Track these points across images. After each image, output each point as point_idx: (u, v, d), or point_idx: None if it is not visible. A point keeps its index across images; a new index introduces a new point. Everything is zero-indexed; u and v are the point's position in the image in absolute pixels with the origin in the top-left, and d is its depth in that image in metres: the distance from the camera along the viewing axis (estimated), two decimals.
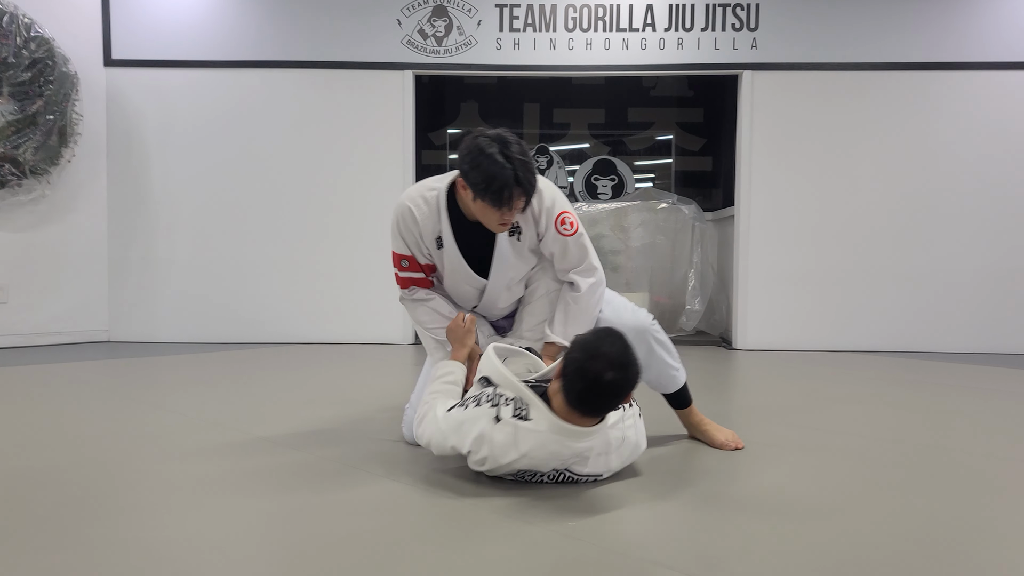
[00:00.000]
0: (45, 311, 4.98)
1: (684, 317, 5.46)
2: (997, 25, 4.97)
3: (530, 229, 2.17)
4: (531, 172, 1.93)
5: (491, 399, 1.78)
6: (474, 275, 2.21)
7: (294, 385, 3.55)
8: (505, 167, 1.89)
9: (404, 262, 2.24)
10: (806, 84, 5.08)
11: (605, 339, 1.69)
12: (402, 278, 2.27)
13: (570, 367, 1.68)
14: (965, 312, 5.06)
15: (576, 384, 1.66)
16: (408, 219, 2.16)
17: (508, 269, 2.21)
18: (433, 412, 1.90)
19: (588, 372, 1.64)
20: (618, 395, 1.68)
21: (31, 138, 4.61)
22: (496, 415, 1.75)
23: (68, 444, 2.31)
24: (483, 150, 1.91)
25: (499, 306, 2.31)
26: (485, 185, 1.91)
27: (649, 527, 1.61)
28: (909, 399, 3.30)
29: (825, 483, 1.96)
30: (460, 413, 1.82)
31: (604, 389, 1.65)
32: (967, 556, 1.48)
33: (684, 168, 6.99)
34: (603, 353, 1.65)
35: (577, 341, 1.74)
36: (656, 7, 5.10)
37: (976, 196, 5.03)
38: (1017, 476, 2.08)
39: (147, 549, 1.47)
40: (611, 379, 1.64)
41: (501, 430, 1.73)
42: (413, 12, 5.13)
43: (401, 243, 2.21)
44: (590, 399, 1.67)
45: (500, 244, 2.16)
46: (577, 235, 2.18)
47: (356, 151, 5.20)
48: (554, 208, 2.15)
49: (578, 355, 1.68)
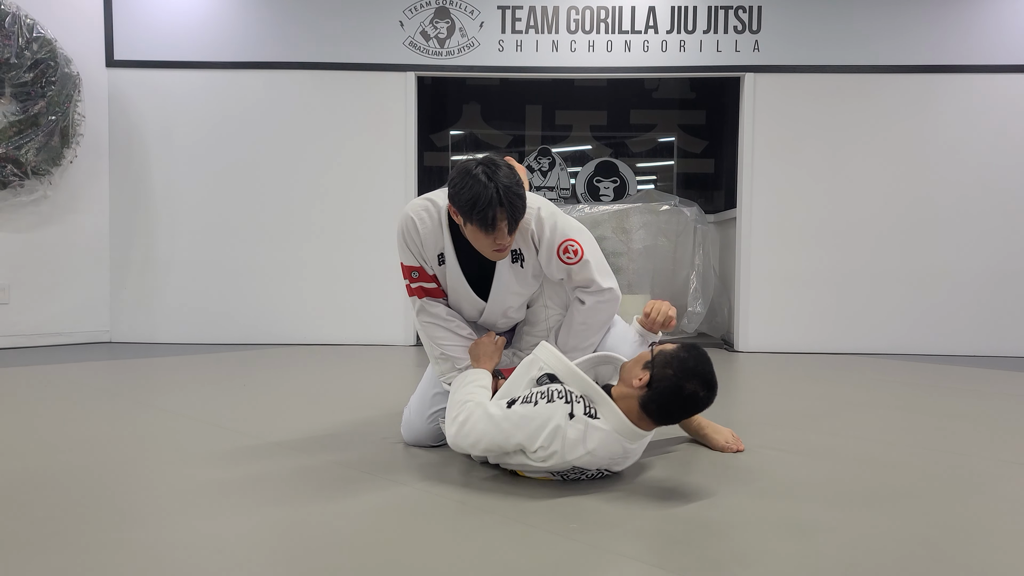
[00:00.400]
0: (46, 312, 4.98)
1: (686, 319, 5.45)
2: (1000, 28, 4.96)
3: (532, 257, 2.14)
4: (516, 195, 1.88)
5: (563, 395, 1.78)
6: (474, 295, 2.18)
7: (295, 387, 3.54)
8: (488, 187, 1.85)
9: (414, 273, 2.20)
10: (808, 86, 5.08)
11: (699, 360, 1.77)
12: (414, 289, 2.21)
13: (663, 383, 1.75)
14: (968, 315, 5.05)
15: (667, 399, 1.76)
16: (412, 230, 2.14)
17: (508, 294, 2.18)
18: (484, 411, 1.85)
19: (684, 390, 1.74)
20: (701, 410, 1.80)
21: (33, 139, 4.62)
22: (570, 411, 1.76)
23: (68, 446, 2.31)
24: (469, 171, 1.89)
25: (498, 325, 2.30)
26: (470, 207, 1.88)
27: (650, 530, 1.60)
28: (912, 402, 3.29)
29: (828, 487, 1.95)
30: (527, 409, 1.79)
31: (693, 405, 1.78)
32: (973, 561, 1.47)
33: (686, 170, 6.98)
34: (699, 373, 1.75)
35: (668, 357, 1.78)
36: (658, 9, 5.10)
37: (979, 198, 5.02)
38: (1020, 480, 2.07)
39: (148, 552, 1.47)
40: (703, 397, 1.76)
41: (574, 426, 1.76)
42: (415, 14, 5.13)
43: (408, 254, 2.18)
44: (674, 412, 1.80)
45: (501, 270, 2.14)
46: (582, 263, 2.12)
47: (358, 152, 5.20)
48: (555, 236, 2.09)
49: (672, 372, 1.75)
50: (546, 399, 1.78)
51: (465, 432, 1.88)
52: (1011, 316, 5.02)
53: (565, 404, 1.76)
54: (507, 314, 2.25)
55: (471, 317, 2.29)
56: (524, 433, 1.78)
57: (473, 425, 1.86)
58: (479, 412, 1.86)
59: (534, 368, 1.92)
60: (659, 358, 1.79)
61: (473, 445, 1.88)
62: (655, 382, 1.75)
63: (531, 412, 1.78)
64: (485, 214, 1.87)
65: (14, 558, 1.42)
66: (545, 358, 1.92)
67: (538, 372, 1.90)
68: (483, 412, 1.85)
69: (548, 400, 1.78)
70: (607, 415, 1.78)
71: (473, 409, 1.88)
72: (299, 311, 5.23)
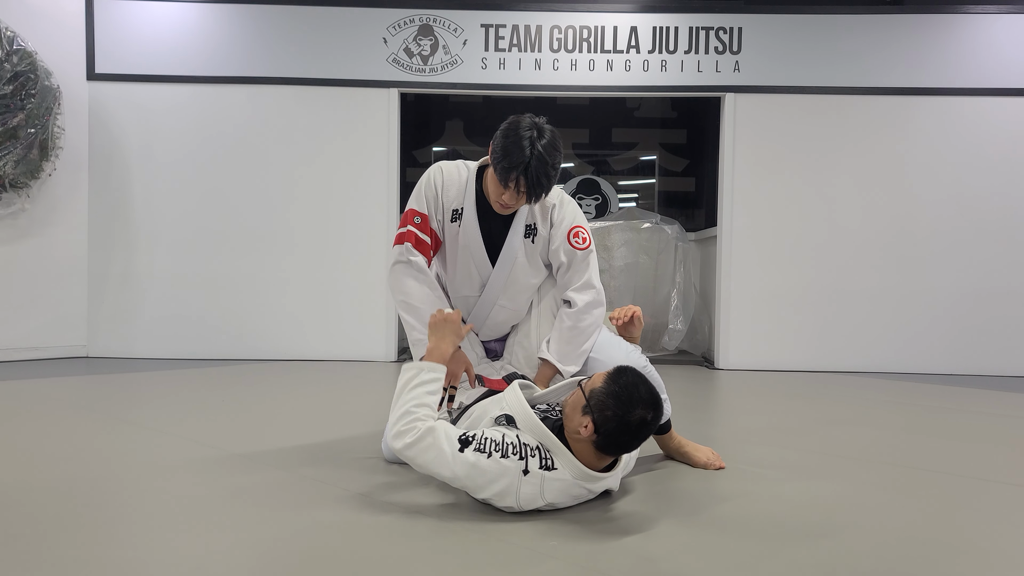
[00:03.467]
0: (23, 326, 4.91)
1: (667, 337, 5.47)
2: (975, 52, 5.06)
3: (544, 231, 2.22)
4: (543, 173, 1.98)
5: (517, 450, 1.73)
6: (484, 255, 2.21)
7: (274, 402, 3.51)
8: (524, 153, 1.95)
9: (417, 218, 2.22)
10: (788, 106, 5.14)
11: (631, 386, 1.72)
12: (406, 233, 2.20)
13: (609, 425, 1.70)
14: (945, 333, 5.10)
15: (619, 436, 1.72)
16: (437, 180, 2.21)
17: (515, 268, 2.22)
18: (437, 441, 1.72)
19: (631, 424, 1.70)
20: (650, 431, 1.76)
21: (11, 151, 4.57)
22: (524, 468, 1.72)
23: (44, 462, 2.28)
24: (519, 129, 1.98)
25: (496, 308, 2.28)
26: (499, 158, 1.98)
27: (631, 548, 1.60)
28: (890, 420, 3.32)
29: (808, 503, 1.96)
30: (479, 459, 1.70)
31: (646, 430, 1.74)
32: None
33: (667, 188, 7.04)
34: (638, 399, 1.71)
35: (602, 396, 1.71)
36: (640, 30, 5.15)
37: (956, 218, 5.09)
38: (1000, 496, 2.09)
39: (122, 569, 1.45)
40: (652, 419, 1.72)
41: (529, 482, 1.72)
42: (399, 31, 5.15)
43: (422, 200, 2.22)
44: (631, 443, 1.77)
45: (512, 240, 2.19)
46: (587, 251, 2.23)
47: (341, 168, 5.20)
48: (572, 220, 2.22)
49: (613, 411, 1.70)
50: (500, 452, 1.71)
51: (412, 454, 1.74)
52: (988, 335, 5.08)
53: (519, 461, 1.71)
54: (509, 294, 2.25)
55: (471, 291, 2.29)
56: (472, 482, 1.73)
57: (423, 451, 1.73)
58: (429, 440, 1.73)
59: (496, 407, 1.90)
60: (594, 401, 1.72)
61: (419, 467, 1.76)
62: (600, 426, 1.70)
63: (483, 464, 1.70)
64: (508, 173, 1.97)
65: None
66: (509, 399, 1.89)
67: (498, 411, 1.87)
68: (433, 441, 1.72)
69: (502, 455, 1.71)
70: (564, 464, 1.75)
71: (425, 435, 1.73)
72: (279, 326, 5.19)
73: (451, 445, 1.72)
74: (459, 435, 1.74)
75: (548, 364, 2.20)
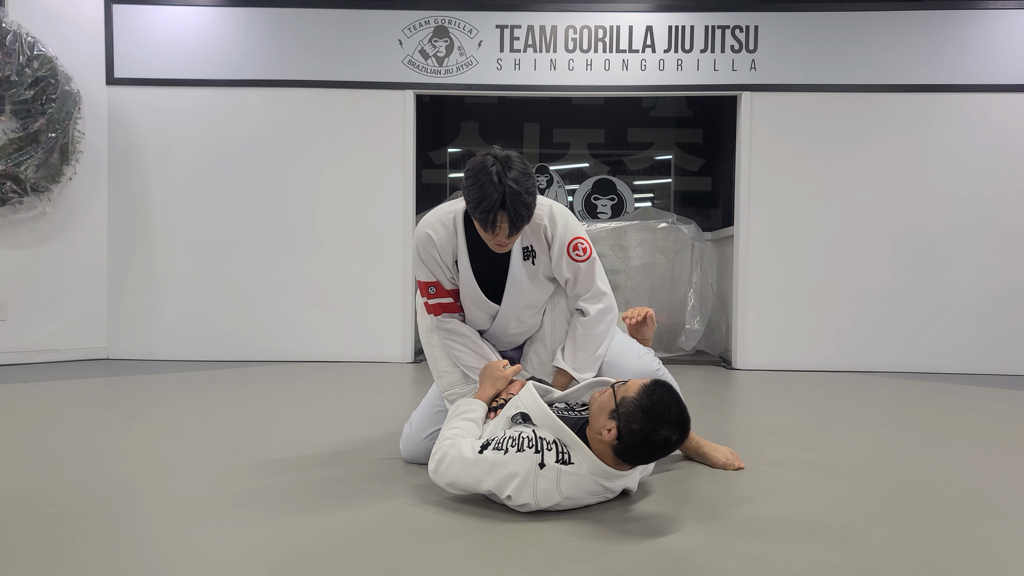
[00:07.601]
0: (44, 328, 4.97)
1: (683, 337, 5.45)
2: (995, 48, 5.00)
3: (544, 254, 2.17)
4: (521, 202, 1.89)
5: (532, 444, 1.74)
6: (486, 300, 2.18)
7: (293, 404, 3.53)
8: (496, 189, 1.87)
9: (431, 288, 2.21)
10: (805, 105, 5.11)
11: (663, 404, 1.71)
12: (431, 305, 2.22)
13: (634, 437, 1.70)
14: (965, 333, 5.05)
15: (639, 450, 1.72)
16: (427, 244, 2.15)
17: (522, 294, 2.18)
18: (459, 451, 1.81)
19: (654, 441, 1.70)
20: (671, 451, 1.76)
21: (33, 156, 4.63)
22: (540, 461, 1.72)
23: (66, 462, 2.30)
24: (485, 168, 1.90)
25: (509, 332, 2.27)
26: (475, 205, 1.91)
27: (651, 549, 1.60)
28: (909, 420, 3.29)
29: (828, 505, 1.95)
30: (496, 456, 1.75)
31: (667, 450, 1.74)
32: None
33: (683, 188, 7.01)
34: (667, 419, 1.70)
35: (632, 408, 1.71)
36: (656, 29, 5.14)
37: (976, 216, 5.04)
38: (1022, 497, 2.06)
39: (144, 570, 1.46)
40: (676, 441, 1.72)
41: (545, 476, 1.72)
42: (414, 32, 5.17)
43: (424, 270, 2.20)
44: (645, 457, 1.77)
45: (514, 269, 2.15)
46: (589, 261, 2.17)
47: (357, 170, 5.22)
48: (567, 234, 2.14)
49: (640, 425, 1.69)
50: (516, 447, 1.74)
51: (441, 471, 1.83)
52: (1008, 334, 5.02)
53: (535, 454, 1.72)
54: (520, 318, 2.23)
55: (482, 324, 2.28)
56: (493, 480, 1.74)
57: (448, 465, 1.82)
58: (454, 452, 1.82)
59: (512, 407, 1.91)
60: (623, 409, 1.72)
61: (450, 484, 1.83)
62: (624, 436, 1.70)
63: (500, 460, 1.74)
64: (487, 216, 1.90)
65: (10, 574, 1.41)
66: (523, 398, 1.90)
67: (514, 410, 1.88)
68: (457, 452, 1.81)
69: (518, 449, 1.74)
70: (581, 459, 1.75)
71: (449, 448, 1.83)
72: (298, 328, 5.22)
73: (472, 451, 1.78)
74: (480, 443, 1.81)
75: (564, 372, 2.20)
